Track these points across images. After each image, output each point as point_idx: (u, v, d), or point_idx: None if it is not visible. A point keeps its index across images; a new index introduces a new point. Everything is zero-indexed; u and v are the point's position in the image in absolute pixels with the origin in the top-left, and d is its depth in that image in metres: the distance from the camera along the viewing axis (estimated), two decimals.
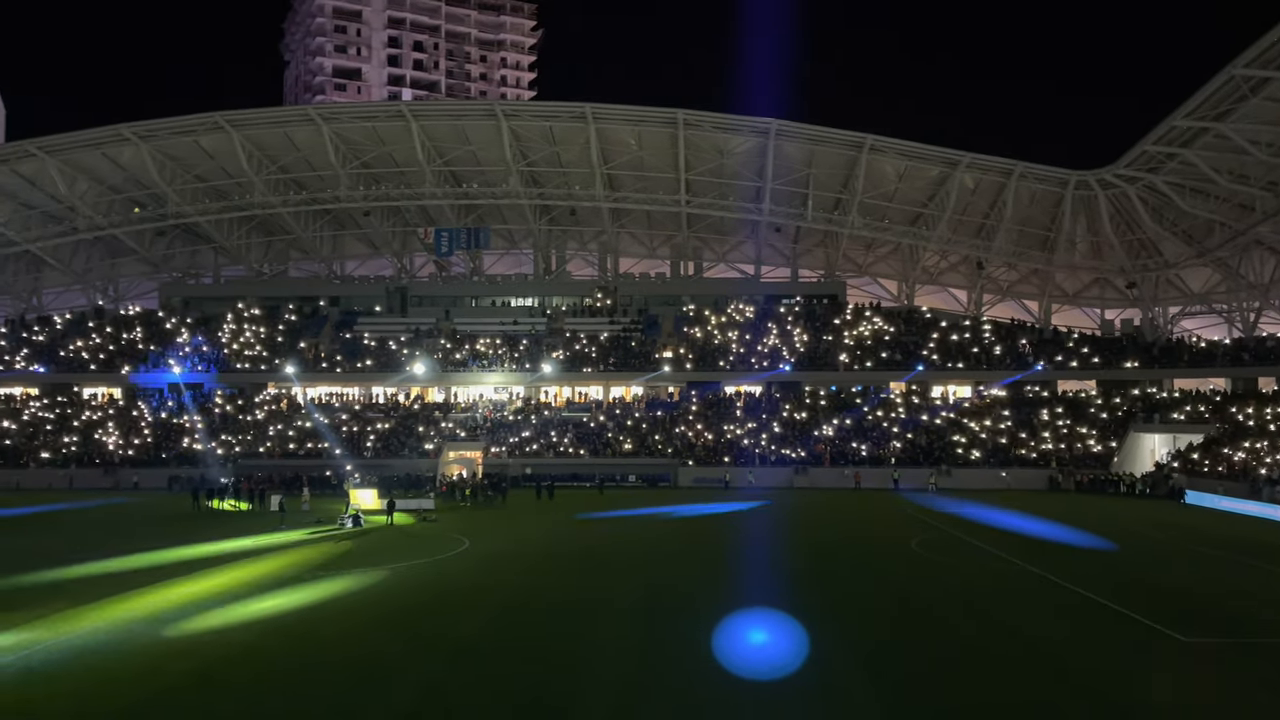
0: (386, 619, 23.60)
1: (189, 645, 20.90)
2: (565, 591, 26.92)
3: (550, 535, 39.86)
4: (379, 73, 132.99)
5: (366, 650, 20.34)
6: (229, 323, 79.22)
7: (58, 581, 28.82)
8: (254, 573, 30.46)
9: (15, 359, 74.86)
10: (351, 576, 29.60)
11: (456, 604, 25.47)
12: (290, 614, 24.15)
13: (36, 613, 24.07)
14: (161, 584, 28.27)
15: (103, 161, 71.44)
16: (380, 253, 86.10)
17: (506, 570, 30.70)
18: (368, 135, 71.85)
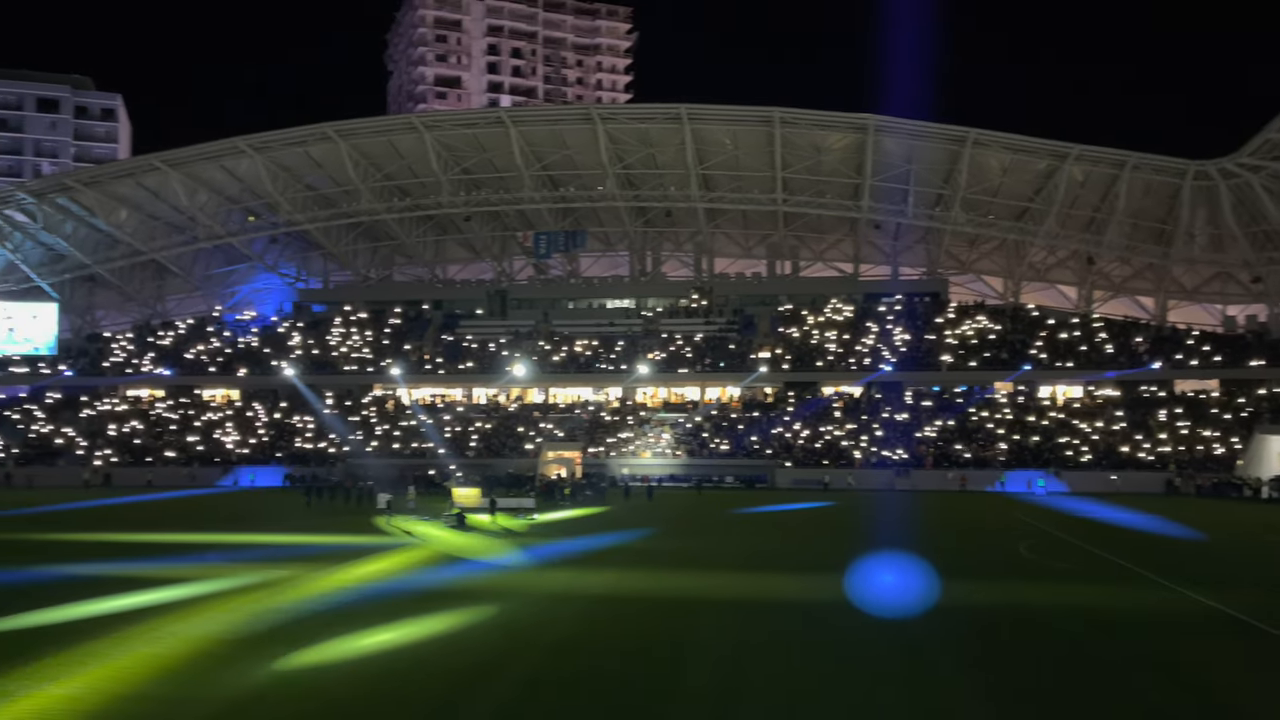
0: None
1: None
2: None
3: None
4: (478, 80, 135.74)
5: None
6: (337, 326, 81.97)
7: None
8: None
9: (142, 363, 78.97)
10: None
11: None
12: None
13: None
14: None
15: (220, 173, 74.75)
16: (481, 256, 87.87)
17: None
18: (468, 142, 73.42)
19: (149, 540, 36.99)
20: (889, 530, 39.58)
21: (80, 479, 66.73)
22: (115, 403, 77.15)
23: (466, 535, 39.88)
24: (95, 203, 75.81)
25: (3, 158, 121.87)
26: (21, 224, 78.32)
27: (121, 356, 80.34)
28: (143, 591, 24.91)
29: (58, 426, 73.58)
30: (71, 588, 25.35)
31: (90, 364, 79.74)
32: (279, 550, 33.48)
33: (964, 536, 38.29)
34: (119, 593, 24.65)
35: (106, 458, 69.61)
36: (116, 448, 70.87)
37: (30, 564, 29.90)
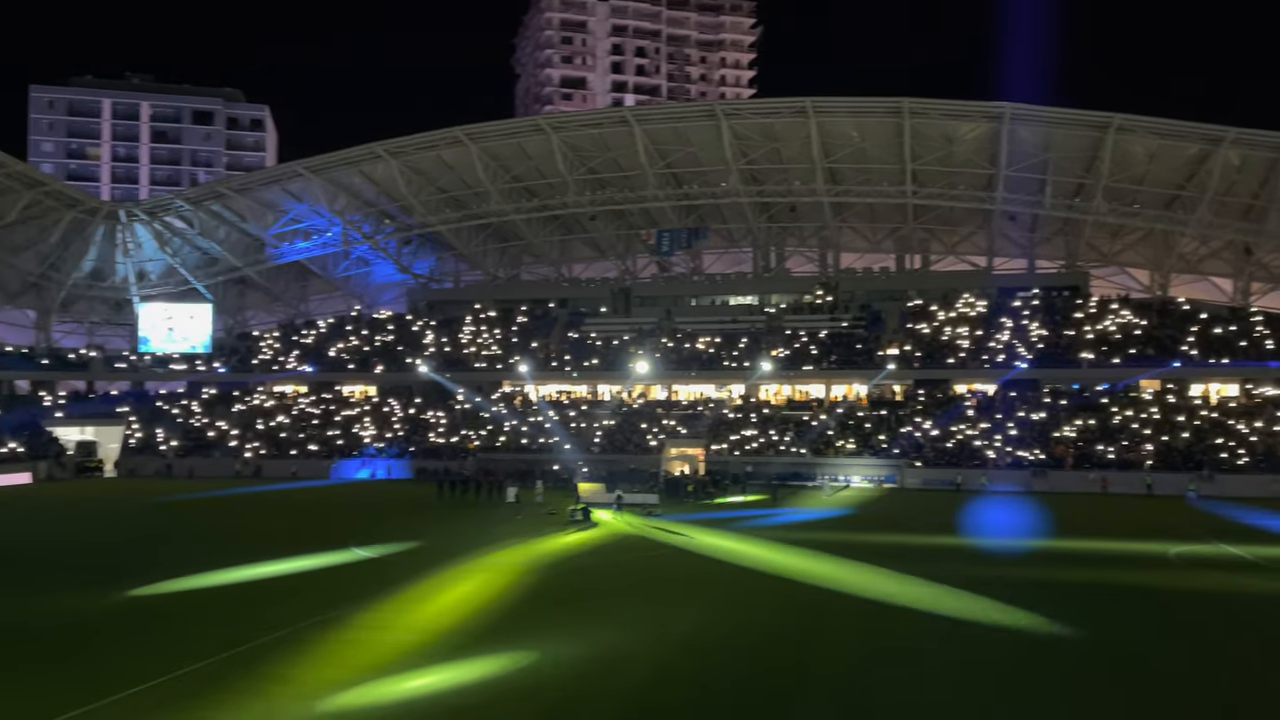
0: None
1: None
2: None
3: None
4: (603, 80, 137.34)
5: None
6: (468, 324, 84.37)
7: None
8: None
9: (287, 360, 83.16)
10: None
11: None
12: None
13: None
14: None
15: (359, 178, 77.92)
16: (605, 255, 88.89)
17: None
18: (593, 142, 74.34)
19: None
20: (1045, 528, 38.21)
21: (233, 469, 70.80)
22: (263, 398, 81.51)
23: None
24: (245, 209, 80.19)
25: (163, 168, 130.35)
26: (180, 230, 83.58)
27: (269, 354, 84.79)
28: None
29: (213, 420, 78.25)
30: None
31: (241, 361, 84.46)
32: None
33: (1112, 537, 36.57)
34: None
35: (256, 450, 73.60)
36: (265, 440, 74.85)
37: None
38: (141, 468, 72.99)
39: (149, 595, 27.74)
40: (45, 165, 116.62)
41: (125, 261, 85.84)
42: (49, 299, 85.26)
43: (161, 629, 23.88)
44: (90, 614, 25.37)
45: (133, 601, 27.00)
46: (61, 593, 28.10)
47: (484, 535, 39.34)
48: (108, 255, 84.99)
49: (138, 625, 24.21)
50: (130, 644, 22.30)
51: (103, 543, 38.12)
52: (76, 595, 27.53)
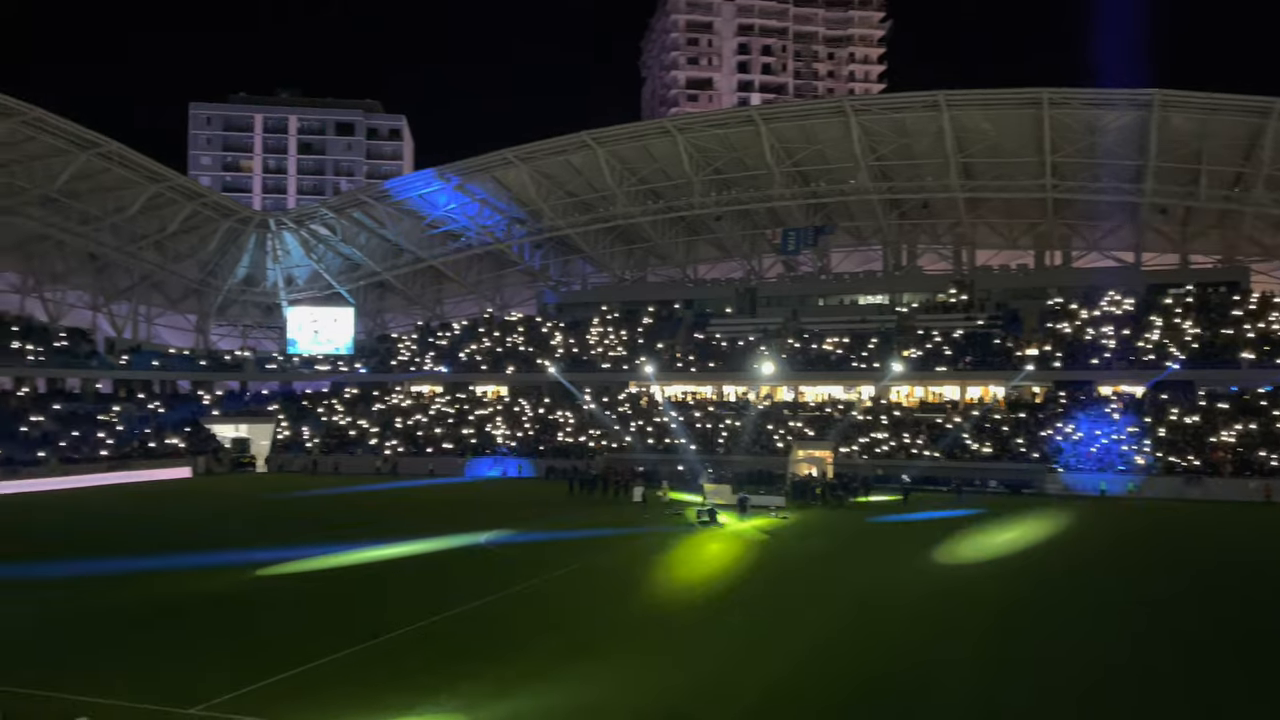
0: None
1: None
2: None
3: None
4: (729, 80, 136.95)
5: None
6: (594, 326, 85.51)
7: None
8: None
9: (424, 361, 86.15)
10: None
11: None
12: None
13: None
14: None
15: (490, 183, 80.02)
16: (731, 255, 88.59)
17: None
18: (719, 142, 74.20)
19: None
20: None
21: (373, 466, 73.79)
22: (401, 397, 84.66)
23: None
24: (384, 215, 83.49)
25: (309, 177, 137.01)
26: (324, 237, 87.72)
27: (406, 355, 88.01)
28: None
29: (354, 418, 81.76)
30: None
31: (380, 362, 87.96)
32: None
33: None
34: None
35: (394, 448, 76.50)
36: (402, 438, 77.72)
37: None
38: (289, 463, 76.90)
39: (317, 570, 29.25)
40: (204, 178, 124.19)
41: (275, 267, 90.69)
42: (207, 304, 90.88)
43: (340, 606, 25.14)
44: (283, 590, 26.92)
45: (310, 578, 28.52)
46: (242, 571, 29.93)
47: (617, 529, 39.82)
48: (259, 262, 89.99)
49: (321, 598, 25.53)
50: (312, 618, 23.55)
51: (283, 527, 40.32)
52: (268, 572, 29.25)
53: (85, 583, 29.42)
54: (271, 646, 21.73)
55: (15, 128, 63.36)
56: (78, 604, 26.38)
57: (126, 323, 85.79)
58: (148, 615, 25.11)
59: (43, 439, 66.76)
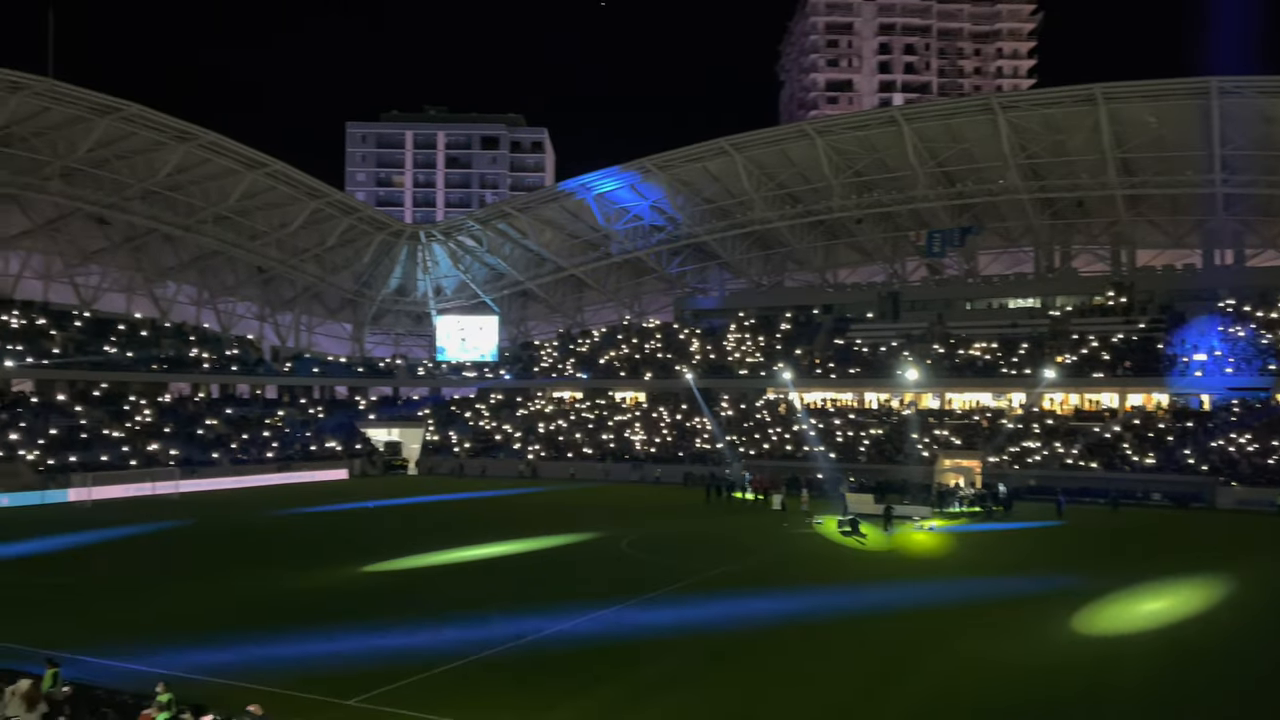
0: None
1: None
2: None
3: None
4: (869, 81, 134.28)
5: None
6: (732, 332, 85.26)
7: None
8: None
9: (564, 367, 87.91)
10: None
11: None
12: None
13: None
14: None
15: (629, 192, 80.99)
16: (872, 259, 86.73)
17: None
18: (860, 144, 72.85)
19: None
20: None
21: (516, 470, 75.74)
22: (543, 403, 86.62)
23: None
24: (527, 226, 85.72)
25: (456, 190, 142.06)
26: (470, 248, 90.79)
27: (548, 362, 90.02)
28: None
29: (499, 423, 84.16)
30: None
31: (523, 368, 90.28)
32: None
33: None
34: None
35: (536, 452, 78.30)
36: (544, 443, 79.46)
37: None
38: (438, 466, 79.78)
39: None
40: (359, 193, 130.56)
41: (425, 278, 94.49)
42: (362, 313, 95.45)
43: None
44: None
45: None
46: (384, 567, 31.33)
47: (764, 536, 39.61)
48: (410, 272, 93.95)
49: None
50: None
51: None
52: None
53: (271, 575, 31.36)
54: (430, 641, 22.60)
55: (192, 150, 68.27)
56: (262, 590, 28.15)
57: (289, 332, 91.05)
58: (314, 604, 26.57)
59: (216, 441, 71.50)
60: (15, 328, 68.08)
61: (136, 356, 72.62)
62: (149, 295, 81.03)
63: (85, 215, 71.93)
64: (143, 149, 67.72)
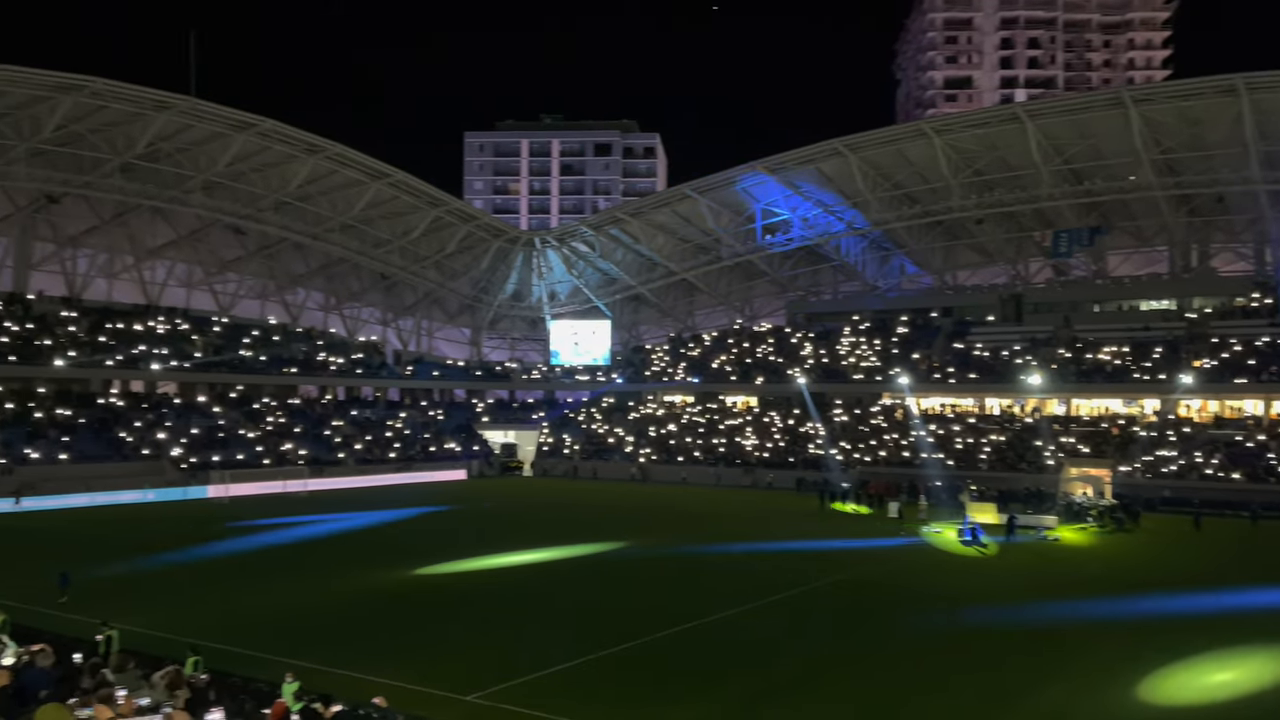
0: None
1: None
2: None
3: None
4: (990, 77, 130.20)
5: None
6: (846, 336, 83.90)
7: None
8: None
9: (675, 371, 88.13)
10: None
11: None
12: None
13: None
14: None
15: (737, 195, 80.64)
16: (993, 260, 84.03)
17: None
18: (980, 142, 70.74)
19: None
20: None
21: (627, 473, 76.27)
22: (654, 407, 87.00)
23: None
24: (639, 231, 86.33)
25: (569, 197, 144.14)
26: (584, 253, 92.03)
27: (659, 366, 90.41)
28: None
29: (611, 426, 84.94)
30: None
31: (635, 372, 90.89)
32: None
33: None
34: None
35: (647, 455, 78.68)
36: (655, 446, 79.79)
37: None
38: (552, 468, 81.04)
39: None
40: (477, 201, 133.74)
41: (539, 283, 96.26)
42: (480, 318, 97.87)
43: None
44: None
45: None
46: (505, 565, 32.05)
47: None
48: (526, 278, 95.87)
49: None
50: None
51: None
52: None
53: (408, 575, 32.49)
54: (541, 641, 23.00)
55: (321, 163, 71.32)
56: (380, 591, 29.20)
57: (411, 336, 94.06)
58: (434, 600, 27.37)
59: (342, 442, 74.38)
60: (161, 333, 72.37)
61: (269, 360, 76.31)
62: (280, 301, 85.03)
63: (223, 226, 75.90)
64: (275, 162, 71.08)
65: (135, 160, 65.60)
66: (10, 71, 54.37)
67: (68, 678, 13.86)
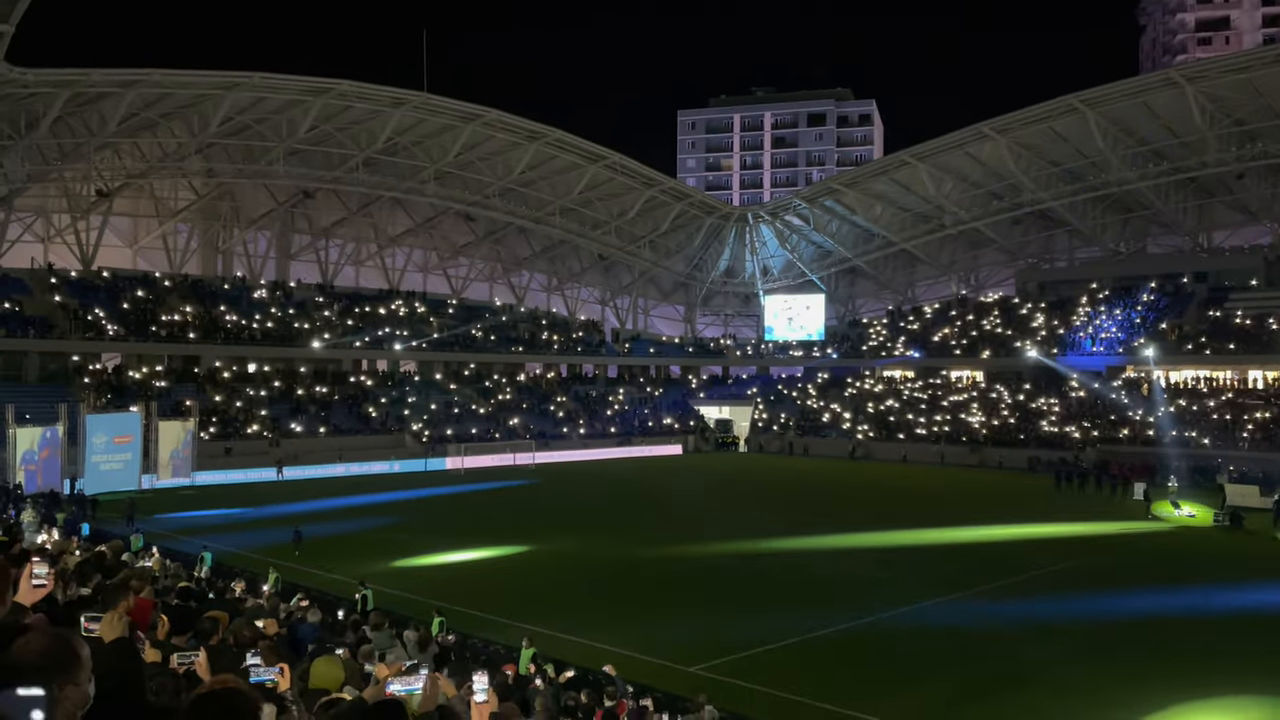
0: None
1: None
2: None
3: None
4: (1250, 16, 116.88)
5: None
6: (1083, 305, 78.34)
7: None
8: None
9: (895, 345, 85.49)
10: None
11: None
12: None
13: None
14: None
15: (965, 160, 76.73)
16: (1256, 219, 75.64)
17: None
18: (1240, 88, 63.66)
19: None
20: None
21: (845, 450, 74.90)
22: (872, 382, 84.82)
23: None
24: (855, 202, 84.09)
25: (782, 170, 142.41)
26: (797, 226, 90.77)
27: (877, 340, 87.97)
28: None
29: (826, 403, 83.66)
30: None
31: (851, 347, 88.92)
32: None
33: None
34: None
35: (865, 432, 76.93)
36: (873, 423, 77.87)
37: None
38: (768, 444, 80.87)
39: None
40: (689, 178, 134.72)
41: (752, 259, 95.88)
42: (693, 295, 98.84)
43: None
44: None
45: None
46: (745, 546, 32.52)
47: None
48: (738, 254, 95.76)
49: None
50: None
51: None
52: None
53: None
54: (766, 617, 23.11)
55: (541, 149, 74.13)
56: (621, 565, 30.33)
57: (628, 314, 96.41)
58: (664, 575, 28.09)
59: (566, 417, 77.45)
60: (401, 315, 77.96)
61: (497, 339, 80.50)
62: (507, 283, 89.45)
63: (455, 213, 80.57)
64: (500, 150, 74.54)
65: (376, 155, 70.67)
66: (271, 79, 59.88)
67: (333, 631, 15.28)
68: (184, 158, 66.10)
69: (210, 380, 64.45)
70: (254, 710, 2.81)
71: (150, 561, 17.72)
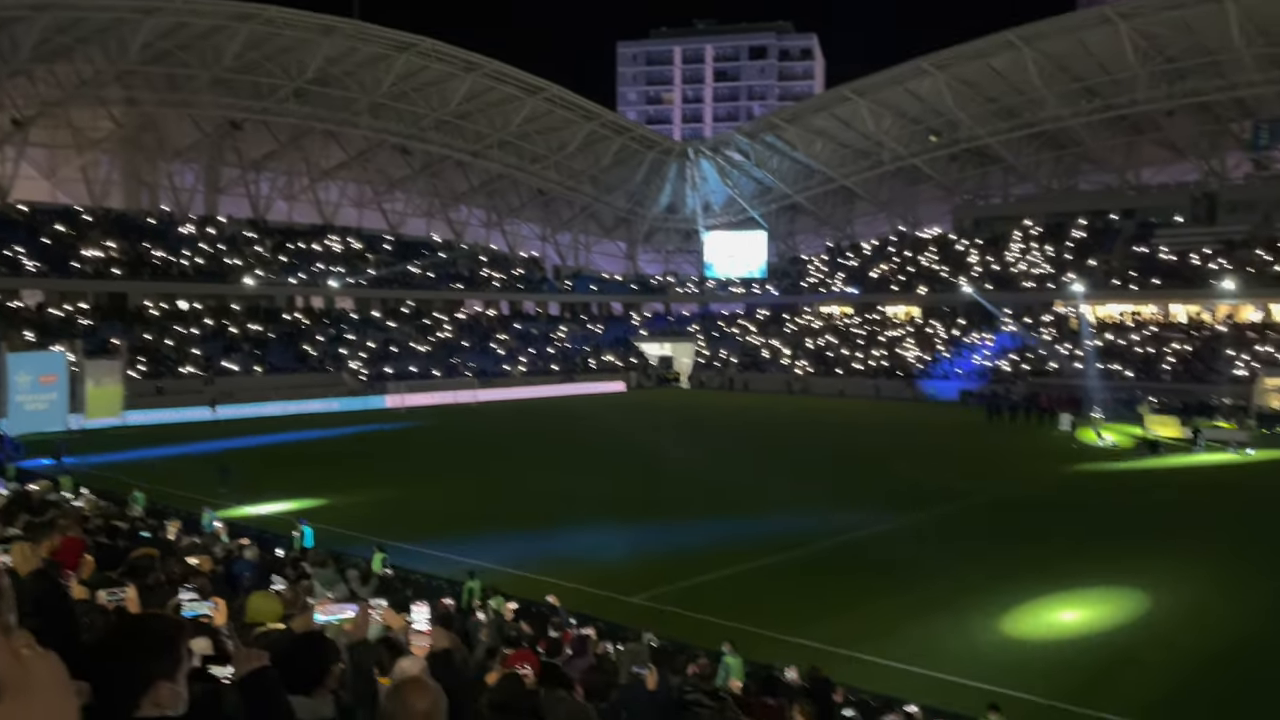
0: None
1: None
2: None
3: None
4: None
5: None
6: (1015, 241, 79.80)
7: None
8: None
9: (834, 282, 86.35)
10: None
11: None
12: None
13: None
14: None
15: (904, 96, 76.90)
16: (1183, 156, 77.39)
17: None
18: (1172, 25, 64.51)
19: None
20: None
21: (784, 385, 75.93)
22: (811, 319, 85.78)
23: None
24: (795, 137, 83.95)
25: (723, 105, 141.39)
26: (738, 163, 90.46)
27: (816, 277, 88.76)
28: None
29: (766, 339, 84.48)
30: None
31: (791, 284, 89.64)
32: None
33: None
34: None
35: (804, 367, 78.01)
36: (812, 359, 78.95)
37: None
38: (709, 381, 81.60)
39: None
40: (630, 112, 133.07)
41: (693, 195, 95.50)
42: (635, 231, 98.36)
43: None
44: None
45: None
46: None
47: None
48: (679, 190, 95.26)
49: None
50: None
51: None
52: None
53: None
54: (706, 542, 23.55)
55: (479, 80, 72.44)
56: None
57: (569, 251, 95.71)
58: (607, 501, 28.40)
59: (507, 355, 77.11)
60: (337, 251, 76.36)
61: (436, 276, 79.39)
62: (445, 219, 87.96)
63: (390, 146, 78.62)
64: (435, 80, 72.65)
65: (307, 85, 68.42)
66: (193, 3, 57.31)
67: (270, 569, 15.22)
68: (103, 85, 63.18)
69: (139, 318, 62.69)
70: (176, 633, 2.78)
71: (81, 502, 17.38)
